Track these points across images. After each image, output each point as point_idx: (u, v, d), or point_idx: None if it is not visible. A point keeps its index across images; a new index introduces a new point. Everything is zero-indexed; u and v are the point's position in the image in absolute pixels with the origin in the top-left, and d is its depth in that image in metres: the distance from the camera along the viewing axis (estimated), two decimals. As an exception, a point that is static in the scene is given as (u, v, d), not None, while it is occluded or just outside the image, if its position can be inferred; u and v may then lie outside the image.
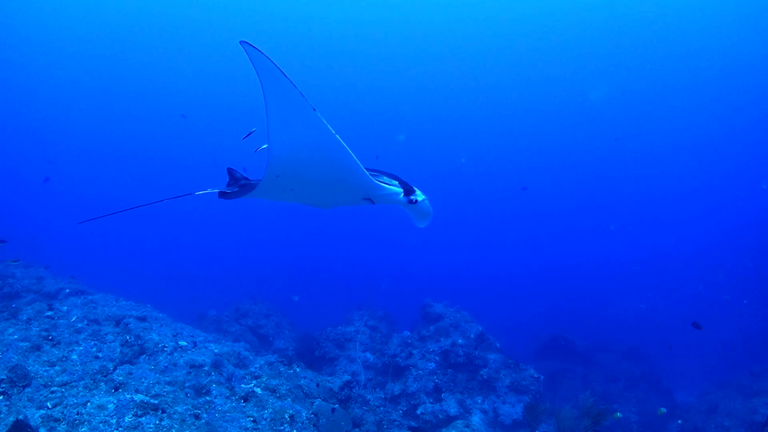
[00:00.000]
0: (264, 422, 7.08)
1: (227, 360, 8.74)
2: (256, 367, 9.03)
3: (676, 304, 31.11)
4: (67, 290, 11.59)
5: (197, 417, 6.49)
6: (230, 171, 5.59)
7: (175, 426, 6.08)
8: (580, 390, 8.33)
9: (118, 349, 8.58)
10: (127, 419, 5.95)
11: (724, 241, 41.65)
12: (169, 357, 8.34)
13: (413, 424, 10.53)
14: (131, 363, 8.11)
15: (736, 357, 20.75)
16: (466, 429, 8.50)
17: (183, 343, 9.05)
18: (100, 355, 8.22)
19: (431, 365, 12.28)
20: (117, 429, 5.77)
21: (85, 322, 9.32)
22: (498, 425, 11.04)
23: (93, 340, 8.63)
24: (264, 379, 8.42)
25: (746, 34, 40.97)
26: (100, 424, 5.78)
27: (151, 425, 5.97)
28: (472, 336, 13.14)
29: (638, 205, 55.25)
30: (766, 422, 6.92)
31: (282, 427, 7.10)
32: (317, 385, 8.70)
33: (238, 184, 5.49)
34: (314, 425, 7.49)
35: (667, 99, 50.42)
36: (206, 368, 8.01)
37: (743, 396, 14.64)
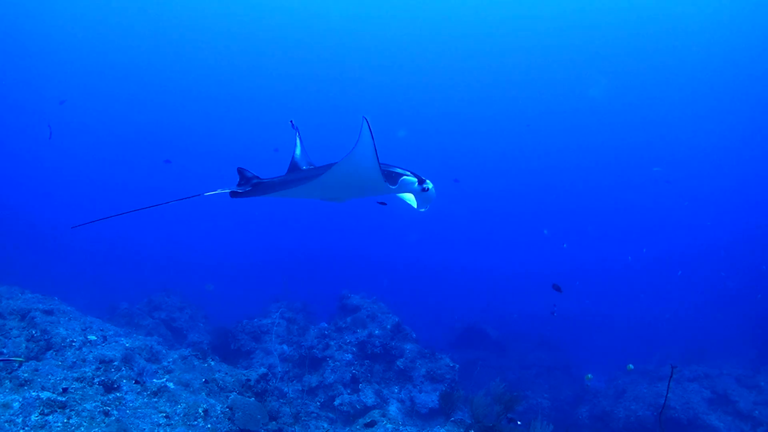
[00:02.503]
0: (177, 417, 6.99)
1: (139, 354, 8.56)
2: (169, 362, 8.88)
3: (589, 300, 32.34)
4: (-34, 283, 11.04)
5: (107, 414, 6.34)
6: (241, 171, 5.59)
7: (84, 424, 5.93)
8: (494, 378, 8.59)
9: (24, 345, 8.28)
10: (33, 418, 5.76)
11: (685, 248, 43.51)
12: (77, 352, 8.10)
13: (331, 415, 10.61)
14: (37, 359, 7.84)
15: (641, 344, 21.90)
16: (382, 418, 8.61)
17: (92, 337, 8.80)
18: (4, 350, 7.91)
19: (348, 356, 12.37)
20: (23, 428, 5.58)
21: (-13, 317, 8.94)
22: (415, 414, 11.26)
23: (-4, 336, 8.29)
24: (177, 374, 8.30)
25: (751, 29, 41.76)
26: (6, 424, 5.58)
27: (59, 424, 5.80)
28: (389, 327, 13.31)
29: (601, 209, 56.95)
30: (664, 403, 7.37)
31: (196, 422, 7.02)
32: (232, 378, 8.65)
33: (251, 184, 5.49)
34: (229, 419, 7.44)
35: (668, 96, 51.41)
36: (116, 363, 7.82)
37: (648, 381, 15.45)
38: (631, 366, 12.85)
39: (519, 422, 7.93)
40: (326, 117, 56.75)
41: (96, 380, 7.00)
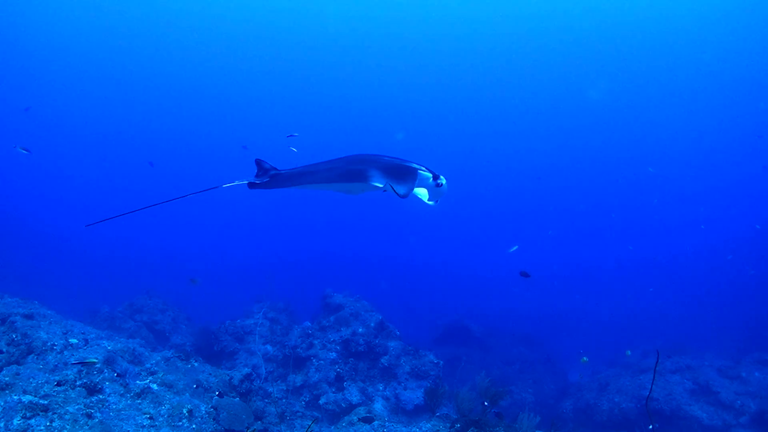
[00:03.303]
0: (161, 418, 6.96)
1: (121, 357, 8.49)
2: (151, 363, 8.82)
3: (571, 297, 32.60)
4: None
5: (90, 416, 6.29)
6: (258, 162, 5.57)
7: (67, 427, 5.88)
8: (478, 373, 8.61)
9: (4, 349, 8.18)
10: (15, 422, 5.70)
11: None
12: (59, 356, 8.02)
13: (316, 414, 10.61)
14: (18, 363, 7.74)
15: (623, 339, 22.13)
16: (368, 415, 8.64)
17: (73, 340, 8.72)
18: (-17, 356, 7.82)
19: (332, 355, 12.37)
20: (4, 432, 5.54)
21: (-34, 322, 8.83)
22: (400, 411, 11.28)
23: (-25, 341, 8.20)
24: (160, 375, 8.25)
25: (751, 29, 42.03)
26: (-13, 428, 5.53)
27: (41, 427, 5.75)
28: (372, 325, 13.31)
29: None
30: (649, 395, 7.46)
31: (180, 423, 7.00)
32: (216, 379, 8.62)
33: (268, 175, 5.48)
34: (214, 419, 7.42)
35: (666, 98, 51.68)
36: (98, 366, 7.75)
37: (631, 373, 15.61)
38: (629, 352, 13.07)
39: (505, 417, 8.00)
40: (326, 117, 57.26)
41: (78, 383, 6.94)
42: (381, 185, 5.35)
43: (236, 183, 5.39)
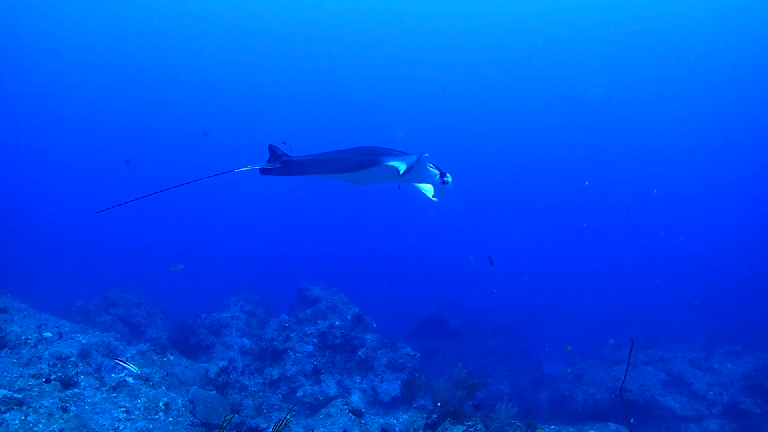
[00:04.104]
0: (137, 412, 6.93)
1: (96, 350, 8.43)
2: (127, 357, 8.76)
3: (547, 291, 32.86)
4: None
5: (65, 410, 6.25)
6: (272, 148, 5.63)
7: (42, 421, 5.84)
8: (455, 365, 8.69)
9: (-24, 344, 8.08)
10: (-12, 416, 5.66)
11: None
12: (33, 349, 7.93)
13: (296, 408, 10.62)
14: (-9, 357, 7.66)
15: (596, 330, 22.41)
16: (345, 407, 8.68)
17: (48, 334, 8.63)
18: (-46, 350, 7.71)
19: (309, 348, 12.38)
20: (-22, 426, 5.49)
21: (-64, 316, 8.69)
22: (377, 403, 11.33)
23: (-54, 335, 8.07)
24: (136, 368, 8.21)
25: (751, 29, 42.03)
26: (-41, 423, 5.47)
27: (16, 421, 5.70)
28: (349, 317, 13.33)
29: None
30: (622, 384, 7.59)
31: (157, 416, 6.97)
32: (193, 372, 8.60)
33: (280, 161, 5.53)
34: (190, 412, 7.41)
35: (667, 96, 51.71)
36: (73, 359, 7.69)
37: (605, 365, 15.86)
38: (612, 341, 13.24)
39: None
40: (325, 115, 57.41)
41: (53, 377, 6.89)
42: (393, 164, 5.43)
43: (249, 168, 5.48)
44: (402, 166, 5.27)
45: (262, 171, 5.54)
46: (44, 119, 56.83)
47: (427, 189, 6.43)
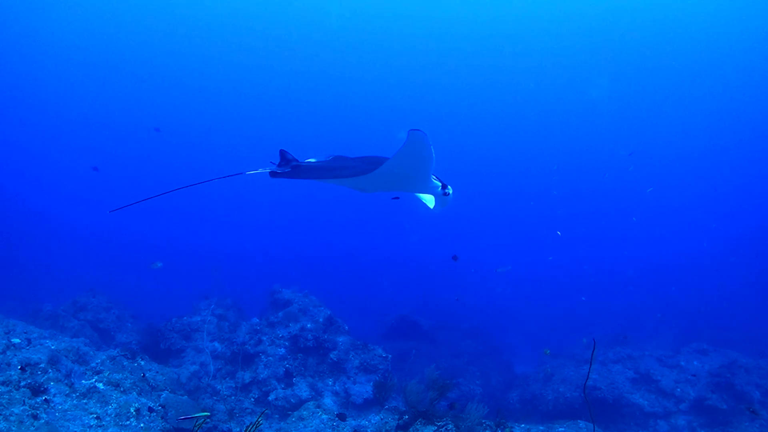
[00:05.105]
0: (108, 418, 6.91)
1: (65, 356, 8.37)
2: (97, 362, 8.71)
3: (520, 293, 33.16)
4: None
5: (36, 417, 6.22)
6: (282, 152, 5.72)
7: (13, 428, 5.81)
8: (427, 367, 8.79)
9: (-58, 351, 7.99)
10: (-43, 424, 5.62)
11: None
12: (1, 356, 7.86)
13: (268, 412, 10.64)
14: (-43, 365, 7.57)
15: (568, 331, 22.72)
16: (317, 410, 8.73)
17: (16, 340, 8.56)
18: None
19: (281, 351, 12.39)
20: (-54, 435, 5.45)
21: None
22: (350, 405, 11.39)
23: None
24: (106, 374, 8.16)
25: (751, 29, 42.14)
26: (-74, 432, 5.43)
27: (-15, 429, 5.68)
28: (321, 320, 13.36)
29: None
30: (585, 383, 7.75)
31: (128, 422, 6.96)
32: (164, 377, 8.58)
33: (290, 165, 5.62)
34: (162, 417, 7.40)
35: (670, 97, 51.66)
36: (42, 366, 7.63)
37: (575, 364, 16.10)
38: (585, 339, 13.43)
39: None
40: (326, 116, 57.36)
41: (22, 383, 6.84)
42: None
43: (260, 171, 5.61)
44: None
45: (272, 174, 5.66)
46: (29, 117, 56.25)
47: (428, 200, 6.58)
